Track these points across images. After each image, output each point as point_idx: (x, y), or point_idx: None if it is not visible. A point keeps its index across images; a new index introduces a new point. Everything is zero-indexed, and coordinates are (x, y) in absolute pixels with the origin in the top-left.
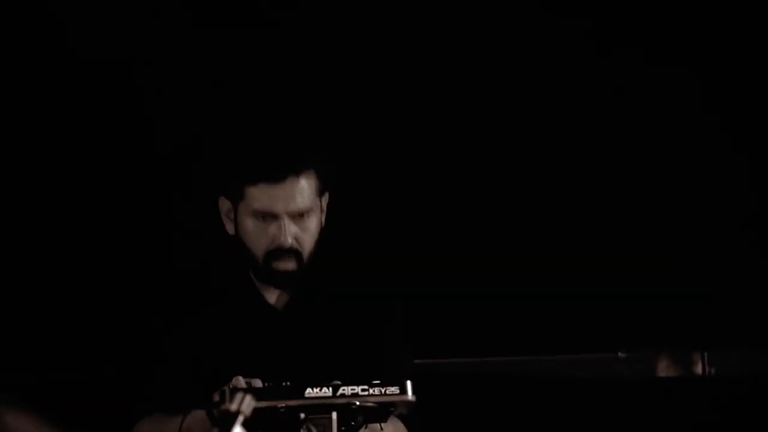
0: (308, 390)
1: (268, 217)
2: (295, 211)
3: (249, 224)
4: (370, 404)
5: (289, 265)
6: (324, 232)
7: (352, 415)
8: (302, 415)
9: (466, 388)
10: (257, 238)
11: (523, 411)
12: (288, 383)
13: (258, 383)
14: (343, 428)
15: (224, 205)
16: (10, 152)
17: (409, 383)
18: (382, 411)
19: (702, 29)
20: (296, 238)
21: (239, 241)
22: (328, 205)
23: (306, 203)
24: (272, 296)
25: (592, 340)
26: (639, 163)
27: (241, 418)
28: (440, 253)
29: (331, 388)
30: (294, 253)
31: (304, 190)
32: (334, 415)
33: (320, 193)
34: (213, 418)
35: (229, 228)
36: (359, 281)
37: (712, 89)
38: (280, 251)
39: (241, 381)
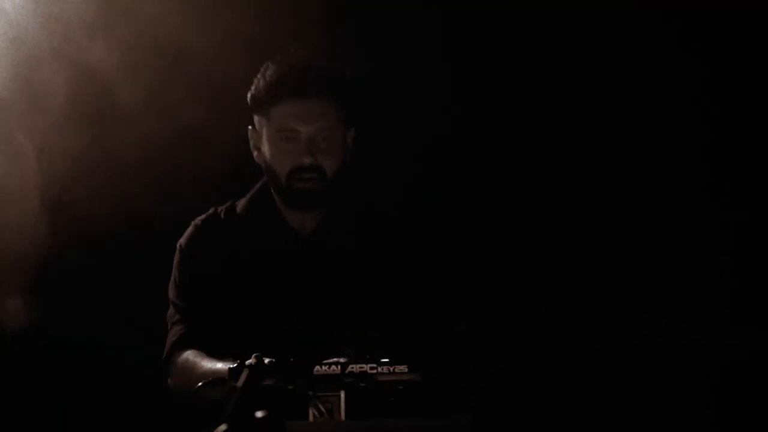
0: (317, 368)
1: (292, 137)
2: (317, 128)
3: (273, 146)
4: (378, 383)
5: (310, 184)
6: (351, 169)
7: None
8: (310, 393)
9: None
10: (281, 158)
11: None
12: (295, 358)
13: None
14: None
15: (252, 135)
16: None
17: (417, 362)
18: (390, 390)
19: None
20: (318, 157)
21: (265, 166)
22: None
23: (327, 123)
24: (295, 220)
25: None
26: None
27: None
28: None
29: (339, 366)
30: (316, 171)
31: (326, 110)
32: (342, 393)
33: (344, 124)
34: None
35: (257, 158)
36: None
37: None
38: (302, 170)
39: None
